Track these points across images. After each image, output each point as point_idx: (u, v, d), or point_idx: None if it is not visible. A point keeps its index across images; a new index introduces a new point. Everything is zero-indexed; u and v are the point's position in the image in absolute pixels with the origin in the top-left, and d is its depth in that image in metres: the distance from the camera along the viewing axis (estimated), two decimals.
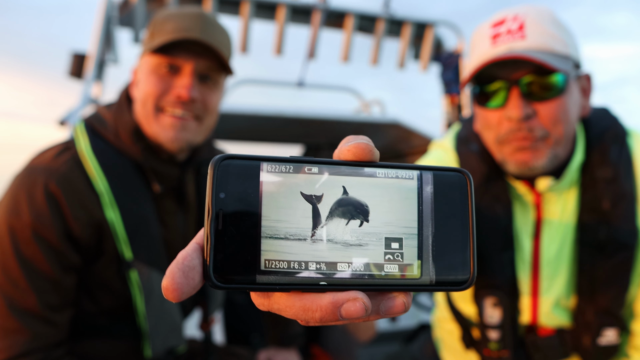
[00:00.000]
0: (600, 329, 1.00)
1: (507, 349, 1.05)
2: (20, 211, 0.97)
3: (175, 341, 1.13)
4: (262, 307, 0.36)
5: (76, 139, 1.07)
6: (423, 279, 0.36)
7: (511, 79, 0.93)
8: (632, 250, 0.98)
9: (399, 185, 0.36)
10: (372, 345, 2.06)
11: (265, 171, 0.34)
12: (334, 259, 0.34)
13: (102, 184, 1.02)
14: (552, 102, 0.92)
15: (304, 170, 0.35)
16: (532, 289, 1.06)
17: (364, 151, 0.36)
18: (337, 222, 0.35)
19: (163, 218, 1.14)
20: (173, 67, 1.05)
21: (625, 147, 1.01)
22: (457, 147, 1.12)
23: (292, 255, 0.34)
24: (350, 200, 0.35)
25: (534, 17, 0.94)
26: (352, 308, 0.33)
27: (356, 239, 0.35)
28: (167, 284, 0.32)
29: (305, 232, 0.34)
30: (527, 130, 0.93)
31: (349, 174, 0.36)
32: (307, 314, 0.34)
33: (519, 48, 0.92)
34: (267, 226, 0.34)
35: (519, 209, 1.06)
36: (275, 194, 0.34)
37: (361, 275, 0.35)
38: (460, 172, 0.38)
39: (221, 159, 0.34)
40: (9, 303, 0.95)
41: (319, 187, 0.35)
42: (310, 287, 0.34)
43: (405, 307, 0.35)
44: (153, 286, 1.07)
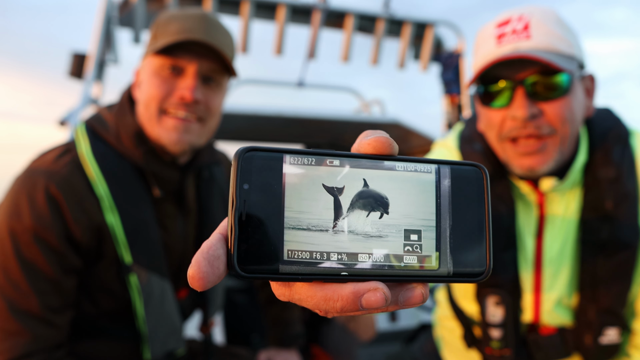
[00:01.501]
0: (602, 328, 1.00)
1: (509, 348, 1.05)
2: (21, 214, 0.96)
3: (175, 344, 1.13)
4: (283, 297, 0.36)
5: (77, 141, 1.07)
6: (441, 270, 0.37)
7: (516, 78, 0.93)
8: (634, 250, 0.98)
9: (417, 178, 0.37)
10: (372, 345, 2.06)
11: (288, 163, 0.35)
12: (355, 249, 0.35)
13: (102, 188, 1.02)
14: (557, 101, 0.92)
15: (325, 162, 0.35)
16: (534, 288, 1.06)
17: (384, 145, 0.37)
18: (358, 214, 0.36)
19: (163, 222, 1.14)
20: (176, 68, 1.05)
21: (628, 147, 1.02)
22: (461, 147, 1.12)
23: (314, 245, 0.34)
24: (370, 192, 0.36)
25: (539, 17, 0.94)
26: (373, 298, 0.33)
27: (376, 231, 0.36)
28: (193, 272, 0.32)
29: (327, 224, 0.35)
30: (534, 128, 0.93)
31: (369, 167, 0.36)
32: (328, 304, 0.34)
33: (524, 48, 0.92)
34: (289, 217, 0.34)
35: (522, 208, 1.06)
36: (298, 185, 0.35)
37: (381, 266, 0.35)
38: (477, 166, 0.39)
39: (245, 151, 0.34)
40: (9, 305, 0.95)
41: (341, 180, 0.36)
42: (332, 277, 0.34)
43: (423, 297, 0.36)
44: (152, 290, 1.07)
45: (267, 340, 1.56)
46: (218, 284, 1.30)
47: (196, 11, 1.08)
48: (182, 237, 1.19)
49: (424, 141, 2.35)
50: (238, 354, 1.42)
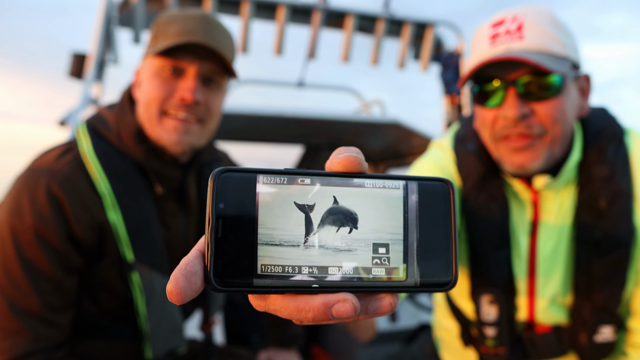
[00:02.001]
0: (597, 326, 1.01)
1: (503, 346, 1.05)
2: (22, 213, 0.96)
3: (176, 343, 1.13)
4: (259, 308, 0.38)
5: (78, 139, 1.07)
6: (408, 281, 0.38)
7: (508, 79, 0.94)
8: (629, 248, 0.98)
9: (385, 194, 0.39)
10: (372, 345, 2.06)
11: (261, 183, 0.37)
12: (325, 263, 0.37)
13: (104, 186, 1.02)
14: (549, 102, 0.93)
15: (297, 181, 0.37)
16: (528, 286, 1.07)
17: (353, 163, 0.38)
18: (328, 230, 0.37)
19: (165, 220, 1.14)
20: (177, 69, 1.05)
21: (623, 145, 1.02)
22: (455, 147, 1.13)
23: (287, 260, 0.36)
24: (340, 209, 0.38)
25: (533, 18, 0.95)
26: (342, 308, 0.35)
27: (346, 245, 0.38)
28: (171, 288, 0.34)
29: (298, 239, 0.37)
30: (525, 127, 0.94)
31: (339, 184, 0.38)
32: (301, 314, 0.36)
33: (516, 49, 0.93)
34: (263, 233, 0.36)
35: (515, 207, 1.07)
36: (271, 203, 0.37)
37: (350, 278, 0.37)
38: (444, 181, 0.40)
39: (220, 172, 0.36)
40: (10, 304, 0.95)
41: (311, 197, 0.37)
42: (303, 289, 0.36)
43: (392, 307, 0.38)
44: (154, 288, 1.07)
45: (267, 340, 1.56)
46: None
47: (197, 12, 1.08)
48: (184, 235, 1.19)
49: (424, 141, 2.35)
50: (238, 354, 1.42)
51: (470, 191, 1.06)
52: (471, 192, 1.06)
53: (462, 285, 1.14)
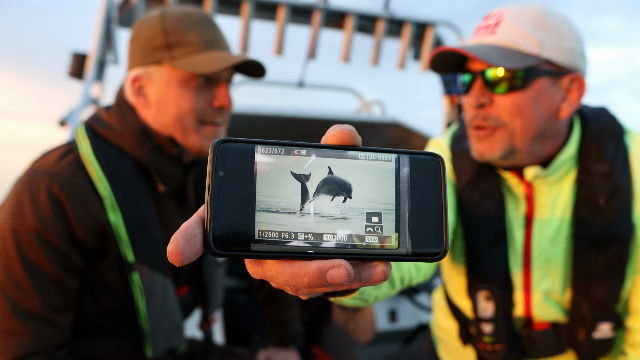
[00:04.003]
0: (595, 323, 1.01)
1: (500, 343, 1.05)
2: (24, 214, 0.97)
3: (176, 341, 1.13)
4: (256, 275, 0.39)
5: (77, 141, 1.07)
6: (400, 249, 0.40)
7: (477, 70, 0.99)
8: (627, 245, 0.99)
9: (378, 166, 0.40)
10: (372, 345, 2.06)
11: (260, 153, 0.38)
12: (320, 230, 0.38)
13: (104, 187, 1.02)
14: (508, 95, 0.96)
15: (294, 152, 0.39)
16: (523, 281, 1.07)
17: (347, 136, 0.40)
18: (323, 198, 0.39)
19: (164, 219, 1.14)
20: (207, 79, 1.08)
21: (622, 144, 1.03)
22: (452, 146, 1.15)
23: (283, 226, 0.37)
24: (335, 179, 0.39)
25: (514, 15, 0.98)
26: (337, 274, 0.36)
27: (340, 213, 0.39)
28: (171, 249, 0.35)
29: (294, 207, 0.38)
30: (482, 119, 0.99)
31: (334, 156, 0.40)
32: (296, 279, 0.37)
33: (485, 42, 0.99)
34: (261, 201, 0.37)
35: (510, 202, 1.08)
36: (268, 172, 0.38)
37: (344, 245, 0.38)
38: (434, 155, 0.42)
39: (220, 142, 0.38)
40: (12, 305, 0.95)
41: (307, 167, 0.39)
42: (299, 254, 0.37)
43: (384, 275, 0.39)
44: (155, 288, 1.07)
45: (266, 339, 1.57)
46: (217, 282, 1.31)
47: (197, 12, 1.09)
48: None
49: (424, 141, 2.35)
50: (237, 353, 1.42)
51: (465, 188, 1.07)
52: (466, 189, 1.07)
53: (460, 282, 1.14)
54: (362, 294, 0.67)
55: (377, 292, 0.74)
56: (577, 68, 0.98)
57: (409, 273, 0.85)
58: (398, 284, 0.83)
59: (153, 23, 1.07)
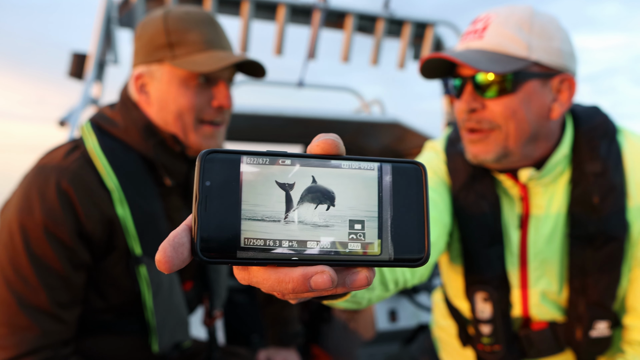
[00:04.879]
0: (592, 321, 1.02)
1: (499, 344, 1.06)
2: (32, 209, 0.97)
3: (182, 336, 1.14)
4: (243, 281, 0.40)
5: (84, 137, 1.08)
6: (383, 255, 0.40)
7: (467, 75, 0.99)
8: (622, 242, 0.99)
9: (361, 175, 0.41)
10: (372, 345, 2.06)
11: (245, 163, 0.39)
12: (304, 237, 0.39)
13: (112, 181, 1.03)
14: (499, 99, 0.96)
15: (278, 162, 0.40)
16: (520, 282, 1.07)
17: (331, 146, 0.41)
18: (307, 207, 0.40)
19: (169, 214, 1.15)
20: (207, 78, 1.09)
21: (615, 143, 1.04)
22: (446, 149, 1.15)
23: (268, 234, 0.38)
24: (318, 187, 0.40)
25: (501, 19, 0.98)
26: (320, 279, 0.37)
27: (324, 221, 0.40)
28: (159, 257, 0.36)
29: (279, 215, 0.39)
30: (475, 122, 0.99)
31: (317, 165, 0.40)
32: (281, 285, 0.38)
33: (473, 47, 0.99)
34: (246, 209, 0.38)
35: (506, 203, 1.08)
36: (254, 182, 0.39)
37: (328, 251, 0.39)
38: (416, 163, 0.43)
39: (207, 153, 0.39)
40: (19, 300, 0.96)
41: (292, 177, 0.40)
42: (283, 261, 0.38)
43: (367, 280, 0.40)
44: (161, 281, 1.08)
45: (266, 339, 1.57)
46: (221, 278, 1.32)
47: (199, 11, 1.10)
48: None
49: (424, 141, 2.35)
50: (238, 353, 1.42)
51: (460, 190, 1.08)
52: (461, 191, 1.08)
53: (457, 283, 1.15)
54: (355, 297, 0.68)
55: (370, 295, 0.74)
56: (567, 68, 0.99)
57: (403, 276, 0.85)
58: (392, 287, 0.83)
59: (156, 22, 1.08)
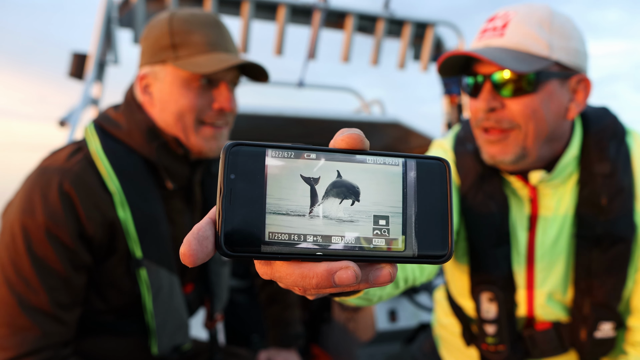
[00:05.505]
0: (597, 322, 1.01)
1: (503, 344, 1.06)
2: (34, 210, 0.97)
3: (182, 339, 1.14)
4: (265, 275, 0.40)
5: (87, 139, 1.08)
6: (407, 252, 0.40)
7: (486, 73, 0.97)
8: (629, 244, 0.99)
9: (386, 170, 0.41)
10: (372, 345, 2.06)
11: (270, 156, 0.39)
12: (329, 232, 0.39)
13: (113, 184, 1.03)
14: (520, 99, 0.95)
15: (303, 156, 0.39)
16: (527, 282, 1.07)
17: (356, 140, 0.40)
18: (332, 201, 0.39)
19: (171, 217, 1.15)
20: (209, 80, 1.08)
21: (624, 144, 1.03)
22: (455, 147, 1.15)
23: (293, 229, 0.38)
24: (343, 182, 0.40)
25: (521, 16, 0.97)
26: (344, 275, 0.37)
27: (348, 216, 0.40)
28: (184, 250, 0.36)
29: (304, 209, 0.39)
30: (494, 121, 0.97)
31: (342, 160, 0.40)
32: (305, 281, 0.38)
33: (495, 45, 0.97)
34: (271, 203, 0.38)
35: (514, 204, 1.08)
36: (279, 176, 0.39)
37: (352, 247, 0.39)
38: (440, 160, 0.42)
39: (232, 145, 0.39)
40: (20, 301, 0.96)
41: (317, 171, 0.39)
42: (308, 256, 0.38)
43: (391, 277, 0.40)
44: (161, 284, 1.08)
45: (267, 340, 1.56)
46: (222, 280, 1.31)
47: (205, 14, 1.10)
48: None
49: (424, 141, 2.35)
50: (238, 353, 1.42)
51: (468, 190, 1.07)
52: (470, 191, 1.07)
53: (463, 283, 1.15)
54: (367, 294, 0.68)
55: (381, 292, 0.75)
56: (582, 68, 0.99)
57: (413, 273, 0.85)
58: (402, 284, 0.83)
59: (162, 24, 1.08)
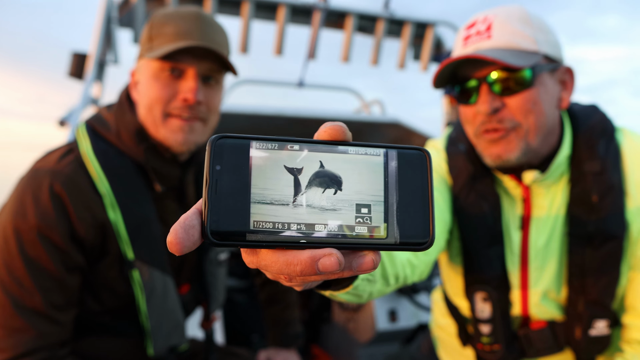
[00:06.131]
0: (591, 320, 1.02)
1: (498, 343, 1.06)
2: (26, 213, 0.97)
3: (178, 339, 1.14)
4: (251, 264, 0.41)
5: (78, 140, 1.08)
6: (389, 239, 0.41)
7: (480, 76, 0.98)
8: (621, 241, 1.00)
9: (367, 160, 0.42)
10: (372, 345, 2.06)
11: (254, 148, 0.40)
12: (312, 221, 0.40)
13: (104, 185, 1.03)
14: (519, 95, 0.96)
15: (287, 147, 0.41)
16: (521, 281, 1.08)
17: (338, 132, 0.42)
18: (315, 191, 0.40)
19: (164, 218, 1.15)
20: (176, 70, 1.06)
21: (614, 141, 1.04)
22: (447, 148, 1.15)
23: (277, 217, 0.39)
24: (326, 172, 0.41)
25: (502, 17, 0.98)
26: (328, 262, 0.38)
27: (331, 205, 0.40)
28: (170, 238, 0.37)
29: (288, 199, 0.40)
30: (497, 122, 0.98)
31: (325, 150, 0.41)
32: (290, 268, 0.38)
33: (484, 47, 0.97)
34: (255, 193, 0.39)
35: (507, 203, 1.08)
36: (263, 166, 0.40)
37: (335, 235, 0.40)
38: (420, 150, 0.43)
39: (217, 138, 0.40)
40: (14, 302, 0.96)
41: (300, 162, 0.40)
42: (292, 244, 0.39)
43: (374, 263, 0.41)
44: (155, 285, 1.08)
45: (266, 340, 1.57)
46: (218, 281, 1.31)
47: (190, 10, 1.08)
48: None
49: (424, 141, 2.35)
50: (238, 353, 1.42)
51: (461, 190, 1.08)
52: (462, 191, 1.08)
53: (457, 282, 1.15)
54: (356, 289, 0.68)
55: (371, 288, 0.74)
56: (563, 59, 1.02)
57: (404, 271, 0.85)
58: (392, 281, 0.83)
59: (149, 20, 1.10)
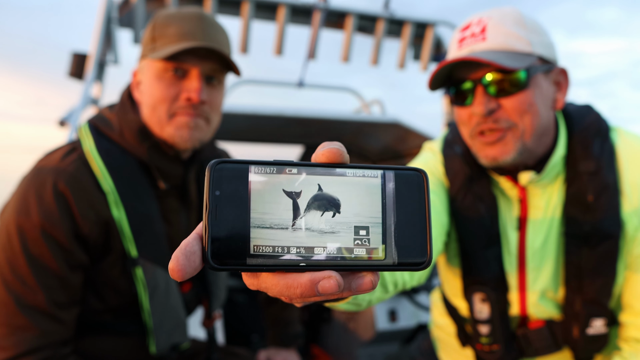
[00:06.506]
0: (589, 319, 1.02)
1: (497, 344, 1.07)
2: (29, 211, 0.98)
3: (180, 338, 1.14)
4: (252, 286, 0.42)
5: (81, 139, 1.08)
6: (387, 260, 0.42)
7: (475, 78, 0.98)
8: (617, 240, 1.00)
9: (365, 182, 0.43)
10: (372, 345, 2.06)
11: (253, 172, 0.41)
12: (312, 244, 0.40)
13: (107, 184, 1.03)
14: (515, 96, 0.96)
15: (285, 171, 0.41)
16: (519, 281, 1.08)
17: (335, 154, 0.42)
18: (314, 214, 0.41)
19: (167, 216, 1.15)
20: (179, 70, 1.07)
21: (608, 141, 1.04)
22: (443, 150, 1.16)
23: (276, 241, 0.40)
24: (324, 195, 0.41)
25: (497, 19, 0.98)
26: (327, 285, 0.38)
27: (330, 228, 0.41)
28: (172, 266, 0.38)
29: (287, 222, 0.40)
30: (493, 122, 0.98)
31: (323, 173, 0.42)
32: (290, 291, 0.39)
33: (479, 49, 0.98)
34: (255, 218, 0.40)
35: (503, 204, 1.09)
36: (262, 191, 0.40)
37: (334, 257, 0.41)
38: (418, 170, 0.44)
39: (216, 163, 0.40)
40: (17, 300, 0.96)
41: (298, 185, 0.41)
42: (291, 267, 0.40)
43: (372, 284, 0.41)
44: (157, 282, 1.08)
45: (266, 340, 1.57)
46: (220, 280, 1.32)
47: (192, 11, 1.09)
48: (185, 231, 1.21)
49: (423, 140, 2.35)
50: (238, 353, 1.42)
51: (457, 192, 1.08)
52: (459, 193, 1.08)
53: (456, 283, 1.15)
54: (356, 299, 0.69)
55: (370, 296, 0.76)
56: (557, 60, 1.02)
57: (402, 278, 0.86)
58: (391, 289, 0.83)
59: (151, 21, 1.10)
